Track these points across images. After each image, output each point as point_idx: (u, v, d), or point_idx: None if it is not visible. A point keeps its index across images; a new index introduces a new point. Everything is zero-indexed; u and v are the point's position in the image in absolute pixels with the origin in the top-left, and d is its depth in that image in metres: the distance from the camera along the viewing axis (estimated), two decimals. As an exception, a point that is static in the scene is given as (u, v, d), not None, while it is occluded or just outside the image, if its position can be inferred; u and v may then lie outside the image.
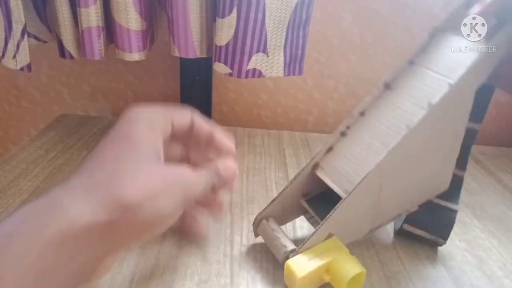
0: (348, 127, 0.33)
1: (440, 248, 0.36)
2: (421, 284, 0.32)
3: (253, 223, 0.34)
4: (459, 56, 0.30)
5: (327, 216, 0.30)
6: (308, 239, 0.30)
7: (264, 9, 0.43)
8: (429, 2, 0.59)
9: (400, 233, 0.37)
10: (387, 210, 0.33)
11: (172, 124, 0.28)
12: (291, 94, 0.66)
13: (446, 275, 0.33)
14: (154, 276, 0.30)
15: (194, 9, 0.44)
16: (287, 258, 0.30)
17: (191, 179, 0.27)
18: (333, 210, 0.30)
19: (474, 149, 0.58)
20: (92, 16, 0.43)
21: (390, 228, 0.39)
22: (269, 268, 0.32)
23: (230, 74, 0.46)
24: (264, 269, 0.32)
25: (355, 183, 0.30)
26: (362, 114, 0.33)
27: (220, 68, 0.46)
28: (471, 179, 0.50)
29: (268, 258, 0.33)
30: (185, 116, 0.30)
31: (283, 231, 0.32)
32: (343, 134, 0.34)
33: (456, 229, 0.40)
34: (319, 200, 0.35)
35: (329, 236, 0.31)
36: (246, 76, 0.46)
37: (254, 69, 0.46)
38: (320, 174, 0.33)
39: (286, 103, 0.67)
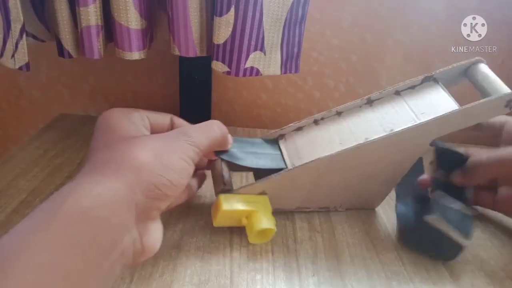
0: (322, 118, 0.39)
1: (440, 249, 0.36)
2: (422, 285, 0.32)
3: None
4: (436, 106, 0.35)
5: (268, 176, 0.35)
6: (245, 186, 0.35)
7: (261, 7, 0.43)
8: (429, 2, 0.59)
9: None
10: (318, 198, 0.39)
11: (150, 122, 0.31)
12: (291, 94, 0.66)
13: (447, 276, 0.33)
14: (153, 276, 0.30)
15: (194, 8, 0.44)
16: (222, 192, 0.34)
17: (190, 132, 0.29)
18: (275, 174, 0.35)
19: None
20: (91, 15, 0.42)
21: (390, 228, 0.39)
22: (269, 269, 0.32)
23: (228, 73, 0.46)
24: (264, 270, 0.32)
25: (303, 162, 0.35)
26: (339, 113, 0.39)
27: (218, 66, 0.46)
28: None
29: (268, 258, 0.33)
30: (163, 116, 0.32)
31: (229, 173, 0.35)
32: (315, 122, 0.39)
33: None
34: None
35: (263, 193, 0.35)
36: (244, 75, 0.46)
37: (252, 68, 0.46)
38: (281, 143, 0.39)
39: (286, 102, 0.66)
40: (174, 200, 0.28)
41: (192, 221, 0.37)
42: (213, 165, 0.36)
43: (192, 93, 0.61)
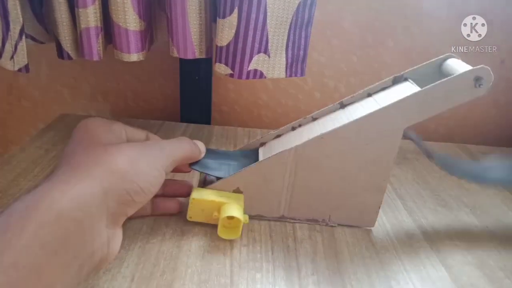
0: (299, 125, 0.40)
1: (440, 248, 0.36)
2: (421, 284, 0.32)
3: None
4: (400, 93, 0.34)
5: (240, 170, 0.35)
6: (218, 181, 0.35)
7: (265, 9, 0.42)
8: (429, 2, 0.59)
9: None
10: (300, 206, 0.37)
11: (127, 135, 0.32)
12: (292, 94, 0.66)
13: (446, 275, 0.33)
14: (154, 276, 0.30)
15: (193, 10, 0.44)
16: (198, 186, 0.36)
17: (166, 144, 0.31)
18: (244, 168, 0.35)
19: (474, 148, 0.59)
20: (90, 16, 0.42)
21: (390, 228, 0.39)
22: (269, 268, 0.32)
23: (231, 75, 0.46)
24: (264, 269, 0.32)
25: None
26: (314, 119, 0.39)
27: (221, 69, 0.46)
28: (471, 179, 0.50)
29: (268, 257, 0.33)
30: (140, 131, 0.33)
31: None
32: (293, 128, 0.40)
33: (456, 229, 0.40)
34: None
35: (237, 190, 0.36)
36: (247, 77, 0.46)
37: (256, 70, 0.46)
38: (260, 150, 0.39)
39: (286, 103, 0.67)
40: (140, 209, 0.29)
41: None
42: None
43: (192, 94, 0.61)
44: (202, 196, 0.34)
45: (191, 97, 0.61)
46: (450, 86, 0.32)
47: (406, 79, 0.37)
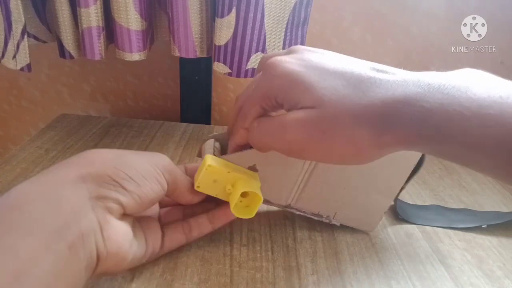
0: None
1: (440, 248, 0.37)
2: (420, 284, 0.32)
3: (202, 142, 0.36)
4: None
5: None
6: (236, 153, 0.32)
7: (263, 8, 0.43)
8: (429, 2, 0.59)
9: None
10: (309, 198, 0.36)
11: None
12: (291, 94, 0.66)
13: (446, 275, 0.33)
14: (154, 275, 0.30)
15: (194, 9, 0.44)
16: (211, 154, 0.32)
17: (163, 156, 0.30)
18: None
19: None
20: (92, 16, 0.43)
21: (390, 228, 0.39)
22: (269, 267, 0.32)
23: (230, 74, 0.46)
24: (264, 268, 0.32)
25: None
26: None
27: (219, 67, 0.46)
28: (471, 179, 0.50)
29: (268, 257, 0.33)
30: None
31: (220, 154, 0.34)
32: None
33: (456, 228, 0.40)
34: None
35: (253, 168, 0.32)
36: (246, 76, 0.46)
37: (253, 69, 0.46)
38: None
39: (286, 103, 0.67)
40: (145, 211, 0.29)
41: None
42: (206, 144, 0.35)
43: (192, 94, 0.61)
44: (219, 164, 0.30)
45: (191, 97, 0.61)
46: None
47: None
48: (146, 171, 0.28)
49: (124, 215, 0.27)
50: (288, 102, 0.26)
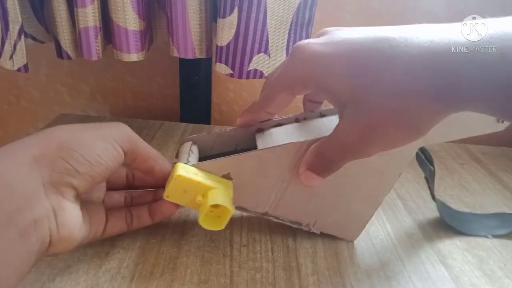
0: (305, 119, 0.36)
1: (440, 248, 0.36)
2: (421, 284, 0.32)
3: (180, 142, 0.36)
4: None
5: (236, 154, 0.31)
6: (208, 161, 0.31)
7: (265, 9, 0.42)
8: (429, 2, 0.59)
9: None
10: (288, 206, 0.34)
11: None
12: (291, 94, 0.66)
13: (446, 275, 0.33)
14: (153, 276, 0.30)
15: (193, 9, 0.44)
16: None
17: (121, 127, 0.30)
18: (241, 153, 0.31)
19: (474, 149, 0.59)
20: (89, 16, 0.42)
21: (390, 228, 0.39)
22: (269, 268, 0.32)
23: (231, 75, 0.46)
24: (264, 269, 0.32)
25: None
26: (322, 115, 0.36)
27: (221, 68, 0.46)
28: (472, 179, 0.50)
29: (268, 257, 0.33)
30: None
31: (196, 157, 0.33)
32: (297, 120, 0.36)
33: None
34: None
35: (227, 176, 0.31)
36: (247, 77, 0.46)
37: (256, 70, 0.46)
38: (257, 136, 0.35)
39: (286, 103, 0.66)
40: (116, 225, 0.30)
41: (193, 220, 0.37)
42: (182, 147, 0.34)
43: (192, 94, 0.61)
44: (188, 174, 0.29)
45: (191, 97, 0.61)
46: (477, 118, 0.30)
47: None
48: (100, 148, 0.27)
49: (76, 196, 0.27)
50: (318, 87, 0.26)
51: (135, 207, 0.33)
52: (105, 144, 0.27)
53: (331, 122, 0.34)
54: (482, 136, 0.34)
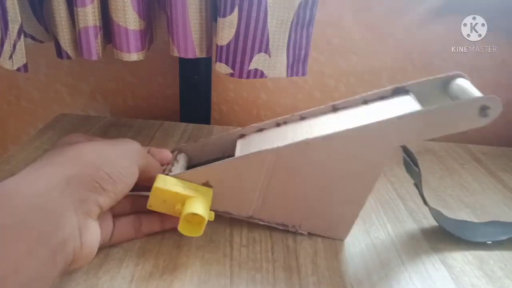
0: (285, 122, 0.37)
1: (440, 248, 0.36)
2: (421, 284, 0.32)
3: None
4: (399, 107, 0.32)
5: (212, 163, 0.33)
6: (188, 171, 0.33)
7: (266, 8, 0.42)
8: (429, 2, 0.59)
9: None
10: (272, 209, 0.35)
11: None
12: (291, 94, 0.66)
13: (447, 275, 0.33)
14: (153, 276, 0.30)
15: (193, 9, 0.44)
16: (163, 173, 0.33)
17: (137, 144, 0.32)
18: (217, 162, 0.33)
19: (474, 149, 0.59)
20: (89, 15, 0.42)
21: (390, 228, 0.39)
22: (269, 268, 0.32)
23: (232, 75, 0.46)
24: (264, 269, 0.32)
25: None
26: (302, 118, 0.37)
27: (221, 68, 0.46)
28: (472, 179, 0.50)
29: (268, 257, 0.33)
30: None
31: (184, 166, 0.35)
32: (277, 124, 0.37)
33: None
34: None
35: (207, 184, 0.33)
36: (248, 77, 0.46)
37: (256, 70, 0.46)
38: (238, 142, 0.37)
39: (285, 102, 0.66)
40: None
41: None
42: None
43: (192, 93, 0.61)
44: (166, 185, 0.31)
45: (191, 97, 0.61)
46: (454, 112, 0.30)
47: (407, 92, 0.34)
48: (123, 167, 0.28)
49: (99, 214, 0.27)
50: None
51: (146, 213, 0.33)
52: (126, 163, 0.29)
53: (307, 127, 0.35)
54: (482, 136, 0.34)
